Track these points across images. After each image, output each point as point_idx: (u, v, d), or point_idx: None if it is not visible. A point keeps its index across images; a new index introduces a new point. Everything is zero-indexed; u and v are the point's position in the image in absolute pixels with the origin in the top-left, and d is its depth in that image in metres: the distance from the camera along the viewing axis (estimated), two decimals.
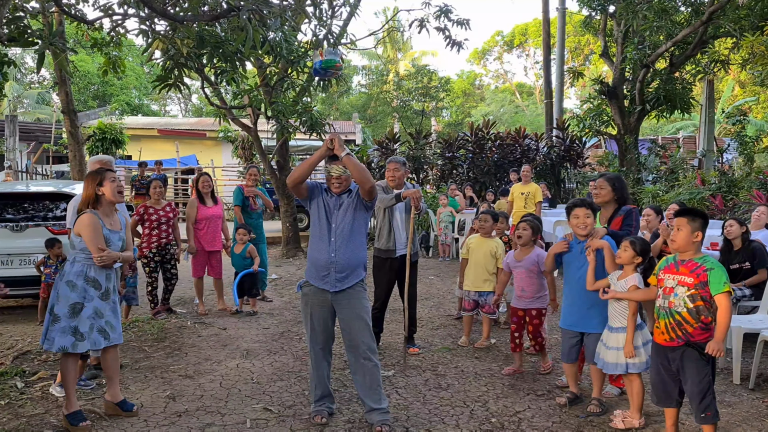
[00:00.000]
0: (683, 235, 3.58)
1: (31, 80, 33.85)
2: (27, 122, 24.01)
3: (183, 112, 48.83)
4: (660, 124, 28.70)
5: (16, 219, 7.33)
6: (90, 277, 4.10)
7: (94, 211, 4.15)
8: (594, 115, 15.61)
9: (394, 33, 30.22)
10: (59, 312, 4.01)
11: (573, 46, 40.03)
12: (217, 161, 22.85)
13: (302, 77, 11.23)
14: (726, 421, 4.18)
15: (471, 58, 48.89)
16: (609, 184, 4.66)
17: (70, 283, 4.05)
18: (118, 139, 18.19)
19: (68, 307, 4.01)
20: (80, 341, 4.01)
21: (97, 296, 4.12)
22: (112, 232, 4.23)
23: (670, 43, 12.95)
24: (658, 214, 6.28)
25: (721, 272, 3.45)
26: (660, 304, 3.64)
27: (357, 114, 31.91)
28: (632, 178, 14.13)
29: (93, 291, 4.10)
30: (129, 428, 4.07)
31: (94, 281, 4.11)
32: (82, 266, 4.10)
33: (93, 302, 4.09)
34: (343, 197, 4.19)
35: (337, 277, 4.11)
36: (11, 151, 17.25)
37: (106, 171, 4.27)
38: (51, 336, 4.00)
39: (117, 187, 4.23)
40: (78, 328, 4.01)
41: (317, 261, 4.16)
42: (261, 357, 5.64)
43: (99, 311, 4.12)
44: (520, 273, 5.26)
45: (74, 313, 4.02)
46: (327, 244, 4.13)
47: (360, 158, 15.25)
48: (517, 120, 35.33)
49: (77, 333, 4.01)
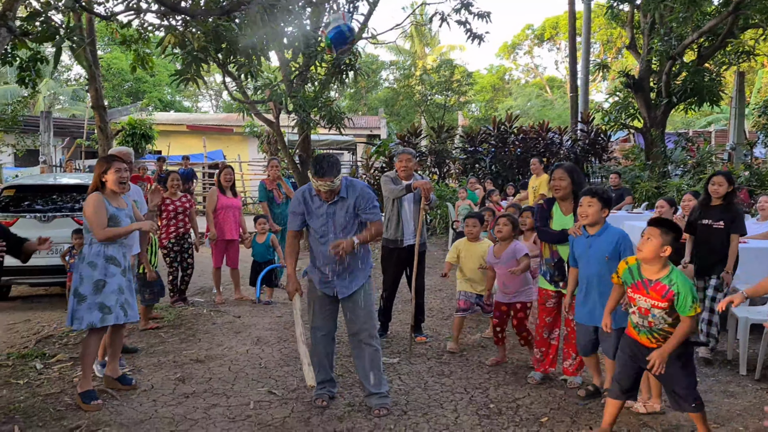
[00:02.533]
0: (651, 246, 3.40)
1: (67, 78, 34.73)
2: (62, 118, 24.64)
3: (214, 108, 49.48)
4: (692, 118, 28.18)
5: (44, 210, 7.60)
6: (109, 255, 4.28)
7: (98, 193, 4.32)
8: (620, 108, 15.44)
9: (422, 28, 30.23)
10: (84, 292, 4.20)
11: (605, 39, 39.51)
12: (244, 156, 23.16)
13: (321, 71, 11.34)
14: (727, 410, 4.18)
15: (500, 53, 48.53)
16: (569, 175, 4.50)
17: (91, 264, 4.24)
18: (148, 134, 18.61)
19: (92, 284, 4.20)
20: (108, 314, 4.20)
21: (119, 272, 4.31)
22: (119, 210, 4.38)
23: (696, 35, 12.73)
24: (672, 206, 6.22)
25: (688, 295, 3.34)
26: (638, 322, 3.54)
27: (383, 109, 32.00)
28: (658, 171, 13.94)
29: (113, 268, 4.29)
30: (137, 407, 4.23)
31: (113, 259, 4.30)
32: (99, 246, 4.28)
33: (115, 278, 4.28)
34: (337, 204, 4.12)
35: (341, 284, 4.17)
36: (46, 146, 17.79)
37: (114, 160, 4.43)
38: (79, 315, 4.19)
39: (119, 178, 4.36)
40: (104, 303, 4.21)
41: (319, 266, 4.20)
42: (271, 344, 5.78)
43: (120, 287, 4.31)
44: (501, 269, 5.10)
45: (98, 290, 4.20)
46: (324, 253, 4.13)
47: (382, 152, 15.33)
48: (544, 114, 34.97)
49: (104, 308, 4.20)
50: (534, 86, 45.41)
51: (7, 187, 7.90)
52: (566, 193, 4.54)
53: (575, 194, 4.50)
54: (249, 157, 23.48)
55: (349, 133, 22.02)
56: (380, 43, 16.89)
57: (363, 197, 4.14)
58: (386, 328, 6.07)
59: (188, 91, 35.26)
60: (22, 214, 7.36)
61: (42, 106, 24.22)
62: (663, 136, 14.88)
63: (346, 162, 22.78)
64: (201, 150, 22.25)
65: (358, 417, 4.08)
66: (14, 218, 7.28)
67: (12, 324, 6.65)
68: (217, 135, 25.02)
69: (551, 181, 4.63)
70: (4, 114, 14.30)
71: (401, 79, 34.32)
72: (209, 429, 3.91)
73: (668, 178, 14.13)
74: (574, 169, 4.64)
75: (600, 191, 4.12)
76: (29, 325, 6.57)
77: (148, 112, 23.26)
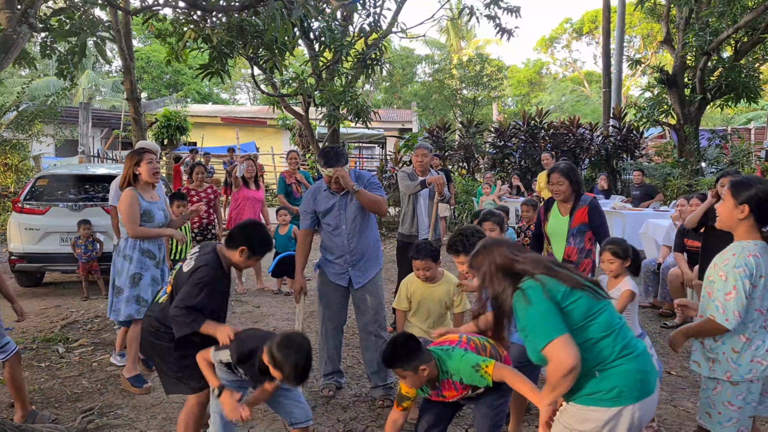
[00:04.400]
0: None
1: (108, 70, 35.53)
2: (101, 109, 25.28)
3: (251, 101, 50.09)
4: (732, 115, 27.47)
5: (76, 199, 7.86)
6: (144, 248, 4.42)
7: (132, 188, 4.44)
8: (653, 104, 15.16)
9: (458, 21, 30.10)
10: (121, 284, 4.36)
11: (645, 33, 38.68)
12: (277, 148, 23.44)
13: (348, 65, 11.43)
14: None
15: (538, 47, 47.92)
16: (566, 178, 4.42)
17: (127, 257, 4.38)
18: (182, 126, 18.96)
19: (128, 278, 4.35)
20: (144, 306, 4.33)
21: (152, 265, 4.45)
22: (152, 203, 4.50)
23: (731, 30, 12.41)
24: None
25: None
26: None
27: (415, 103, 31.99)
28: (690, 169, 13.67)
29: (148, 261, 4.43)
30: (150, 392, 4.38)
31: (148, 252, 4.43)
32: (134, 240, 4.41)
33: (150, 271, 4.42)
34: (347, 196, 4.24)
35: (356, 274, 4.27)
36: (84, 136, 18.29)
37: (145, 152, 4.55)
38: (117, 307, 4.37)
39: (153, 169, 4.48)
40: (141, 295, 4.35)
41: (332, 258, 4.31)
42: None
43: (156, 279, 4.46)
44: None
45: (135, 283, 4.35)
46: (337, 244, 4.25)
47: (410, 146, 15.36)
48: (577, 109, 34.47)
49: (141, 300, 4.35)
50: (571, 81, 44.75)
51: (41, 177, 8.18)
52: (567, 196, 4.52)
53: (577, 194, 4.51)
54: (282, 149, 23.75)
55: (380, 127, 22.11)
56: (411, 38, 16.86)
57: (369, 186, 4.28)
58: None
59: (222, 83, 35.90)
60: (54, 203, 7.62)
61: (82, 97, 24.87)
62: (697, 133, 14.56)
63: (376, 156, 22.85)
64: (234, 142, 22.60)
65: (362, 407, 4.17)
66: (47, 207, 7.55)
67: (43, 309, 6.91)
68: (251, 127, 25.36)
69: (549, 185, 4.60)
70: (43, 105, 14.75)
71: (434, 73, 34.24)
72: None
73: (701, 175, 13.85)
74: (571, 169, 4.57)
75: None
76: (59, 311, 6.82)
77: (184, 104, 23.67)
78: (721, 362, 2.73)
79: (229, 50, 7.69)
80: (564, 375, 2.17)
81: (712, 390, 2.78)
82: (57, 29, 4.56)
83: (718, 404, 2.76)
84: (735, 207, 2.74)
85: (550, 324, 2.21)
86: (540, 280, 2.31)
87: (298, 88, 10.60)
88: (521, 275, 2.36)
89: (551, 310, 2.24)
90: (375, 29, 11.50)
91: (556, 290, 2.29)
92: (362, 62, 10.80)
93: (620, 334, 2.33)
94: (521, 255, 2.44)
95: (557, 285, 2.31)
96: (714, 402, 2.77)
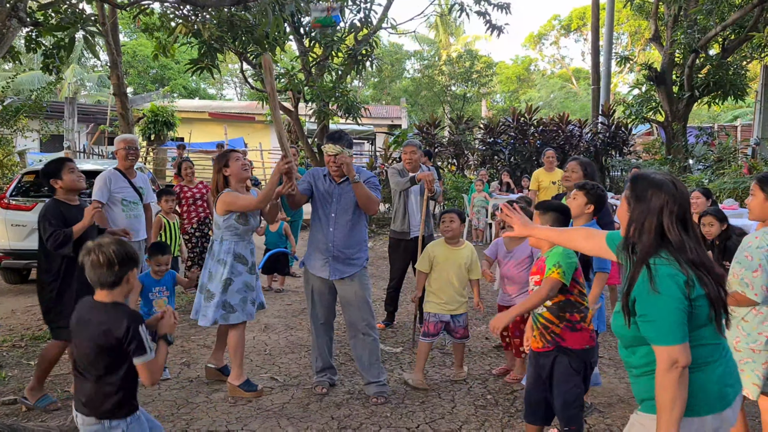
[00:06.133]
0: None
1: (93, 64, 35.16)
2: (86, 104, 25.01)
3: (238, 96, 49.79)
4: (719, 112, 27.69)
5: None
6: (237, 253, 4.28)
7: (229, 190, 4.28)
8: (641, 101, 15.26)
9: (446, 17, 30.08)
10: (213, 289, 4.23)
11: (633, 30, 38.86)
12: (266, 144, 23.34)
13: (338, 61, 11.38)
14: None
15: (526, 43, 48.02)
16: (581, 168, 4.58)
17: (221, 261, 4.26)
18: (170, 121, 18.82)
19: (221, 283, 4.22)
20: (231, 313, 4.24)
21: (245, 270, 4.32)
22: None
23: (719, 27, 12.51)
24: (708, 198, 6.13)
25: (557, 256, 3.11)
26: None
27: (405, 99, 31.95)
28: (678, 166, 13.78)
29: (241, 266, 4.29)
30: (141, 389, 4.30)
31: (241, 257, 4.30)
32: (229, 244, 4.28)
33: (241, 276, 4.29)
34: (344, 186, 4.22)
35: (335, 266, 4.23)
36: (70, 131, 18.09)
37: (230, 152, 4.43)
38: (206, 312, 4.24)
39: (243, 165, 4.35)
40: (228, 301, 4.23)
41: (316, 250, 4.28)
42: (278, 331, 5.87)
43: (248, 284, 4.33)
44: (509, 265, 4.67)
45: (225, 289, 4.22)
46: (325, 234, 4.22)
47: (400, 142, 15.34)
48: (566, 106, 34.61)
49: (227, 306, 4.23)
50: (559, 77, 44.91)
51: (28, 173, 8.08)
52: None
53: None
54: (270, 145, 23.65)
55: (370, 123, 22.05)
56: (401, 33, 16.82)
57: (368, 183, 4.24)
58: (393, 318, 6.15)
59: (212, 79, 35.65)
60: (41, 199, 7.53)
61: (67, 92, 24.61)
62: (685, 130, 14.69)
63: (366, 152, 22.80)
64: (222, 137, 22.48)
65: (355, 404, 4.15)
66: (34, 203, 7.46)
67: (30, 306, 6.83)
68: (239, 123, 25.22)
69: (564, 171, 4.79)
70: (28, 100, 14.56)
71: (423, 69, 34.22)
72: (209, 412, 4.00)
73: (689, 172, 13.96)
74: (589, 164, 4.73)
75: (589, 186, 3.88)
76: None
77: (171, 99, 23.49)
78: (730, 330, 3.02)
79: (220, 45, 7.64)
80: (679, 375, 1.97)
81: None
82: (44, 23, 4.48)
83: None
84: (766, 200, 3.06)
85: (680, 326, 1.98)
86: (686, 269, 2.03)
87: (288, 83, 10.55)
88: (663, 248, 2.08)
89: (683, 307, 2.00)
90: (365, 25, 11.46)
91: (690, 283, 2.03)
92: (353, 58, 10.76)
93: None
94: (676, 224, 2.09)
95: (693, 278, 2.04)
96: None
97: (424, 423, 3.88)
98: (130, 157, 5.33)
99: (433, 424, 3.87)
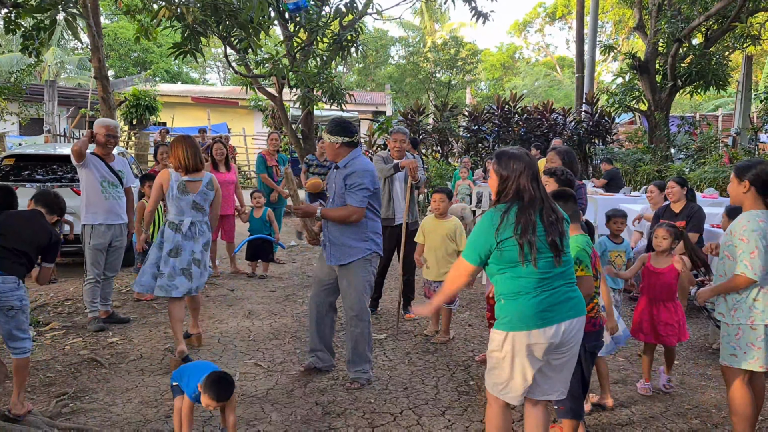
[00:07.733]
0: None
1: (74, 46, 34.59)
2: (67, 87, 24.63)
3: (221, 81, 49.30)
4: (701, 101, 27.93)
5: (44, 179, 7.67)
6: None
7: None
8: (625, 90, 15.34)
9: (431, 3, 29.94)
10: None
11: (617, 19, 38.97)
12: (249, 129, 23.16)
13: (323, 46, 11.30)
14: (708, 394, 4.24)
15: (511, 30, 47.99)
16: (560, 157, 4.56)
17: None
18: (152, 105, 18.60)
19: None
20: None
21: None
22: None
23: (702, 17, 12.59)
24: (683, 186, 6.20)
25: (574, 252, 3.12)
26: None
27: (389, 85, 31.84)
28: (660, 155, 13.90)
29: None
30: (125, 376, 4.34)
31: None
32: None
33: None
34: (336, 170, 4.24)
35: (332, 252, 4.25)
36: (50, 115, 17.83)
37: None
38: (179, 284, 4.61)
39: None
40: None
41: (323, 233, 4.36)
42: (262, 317, 5.87)
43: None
44: None
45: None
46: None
47: (385, 129, 15.31)
48: (550, 94, 34.70)
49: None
50: (544, 65, 44.96)
51: (8, 156, 7.96)
52: None
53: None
54: (254, 130, 23.48)
55: (354, 110, 21.96)
56: (386, 19, 16.72)
57: (354, 176, 4.13)
58: (377, 305, 6.16)
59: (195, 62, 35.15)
60: (21, 183, 7.42)
61: (48, 74, 24.21)
62: (667, 120, 14.80)
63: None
64: (206, 122, 22.27)
65: (339, 390, 4.17)
66: (14, 187, 7.33)
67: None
68: (222, 108, 25.00)
69: (546, 162, 4.75)
70: (7, 82, 14.32)
71: (408, 55, 34.09)
72: None
73: (671, 161, 14.10)
74: (567, 152, 4.70)
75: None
76: (29, 294, 6.65)
77: (153, 83, 23.20)
78: (744, 310, 3.25)
79: (203, 29, 7.55)
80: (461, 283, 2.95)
81: (735, 335, 3.28)
82: (24, 4, 4.40)
83: (743, 346, 3.26)
84: (738, 184, 3.34)
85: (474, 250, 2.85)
86: (513, 219, 2.76)
87: (272, 69, 10.46)
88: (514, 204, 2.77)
89: (484, 241, 2.83)
90: (351, 10, 11.38)
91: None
92: (338, 44, 10.68)
93: None
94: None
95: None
96: (739, 344, 3.27)
97: (408, 408, 3.91)
98: (109, 145, 5.38)
99: (416, 409, 3.90)
